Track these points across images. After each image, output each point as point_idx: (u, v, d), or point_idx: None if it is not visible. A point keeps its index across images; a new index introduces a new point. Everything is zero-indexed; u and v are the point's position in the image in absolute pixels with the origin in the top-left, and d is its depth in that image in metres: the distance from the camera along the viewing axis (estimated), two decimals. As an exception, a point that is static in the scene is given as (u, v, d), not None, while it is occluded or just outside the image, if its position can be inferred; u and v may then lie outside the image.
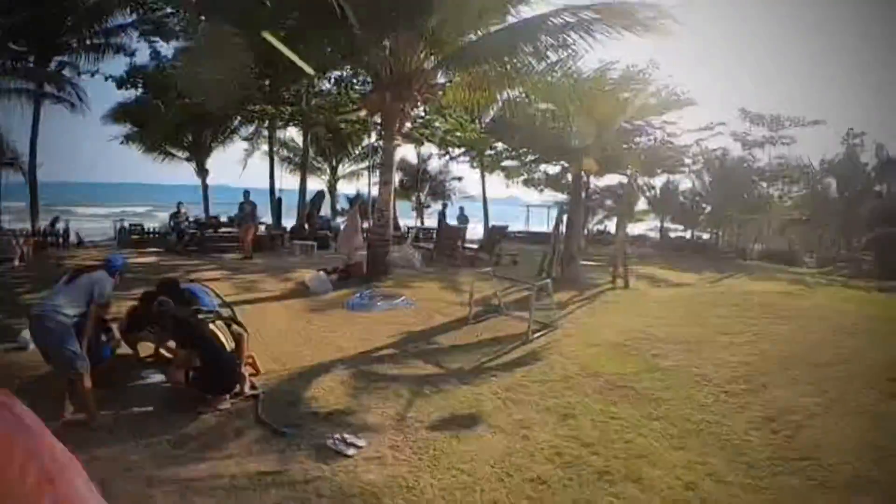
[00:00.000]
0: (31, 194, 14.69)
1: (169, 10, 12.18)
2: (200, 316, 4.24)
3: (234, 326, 4.42)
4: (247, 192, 12.35)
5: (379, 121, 9.42)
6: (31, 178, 14.54)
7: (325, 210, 18.60)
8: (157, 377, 4.61)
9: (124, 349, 4.92)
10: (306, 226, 15.55)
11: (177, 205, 14.24)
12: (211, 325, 4.19)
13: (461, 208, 17.37)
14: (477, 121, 16.04)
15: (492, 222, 19.18)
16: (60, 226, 14.87)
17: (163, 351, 4.83)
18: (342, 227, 12.47)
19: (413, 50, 8.30)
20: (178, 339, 4.19)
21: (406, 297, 7.52)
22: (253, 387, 4.36)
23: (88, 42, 14.90)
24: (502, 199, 28.38)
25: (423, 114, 14.72)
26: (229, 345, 4.20)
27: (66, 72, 15.10)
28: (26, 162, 14.74)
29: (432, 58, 8.65)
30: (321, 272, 8.39)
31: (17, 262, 9.97)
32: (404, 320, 6.58)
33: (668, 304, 8.01)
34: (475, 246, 13.09)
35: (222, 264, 10.73)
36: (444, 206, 19.35)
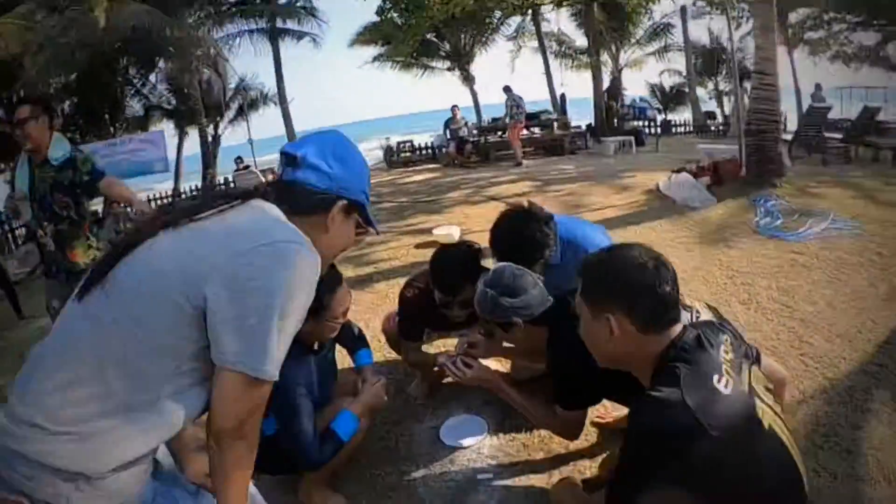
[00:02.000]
0: (286, 128, 15.13)
1: None
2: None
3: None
4: (507, 88, 10.37)
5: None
6: (283, 112, 15.15)
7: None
8: (475, 440, 2.04)
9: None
10: (615, 120, 13.06)
11: (451, 108, 12.21)
12: None
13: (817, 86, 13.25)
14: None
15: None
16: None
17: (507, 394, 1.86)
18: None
19: None
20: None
21: (834, 213, 4.41)
22: None
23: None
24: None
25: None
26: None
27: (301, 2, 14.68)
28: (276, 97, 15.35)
29: None
30: (684, 174, 5.71)
31: None
32: (860, 260, 3.46)
33: None
34: (837, 136, 9.24)
35: (522, 174, 8.58)
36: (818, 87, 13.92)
